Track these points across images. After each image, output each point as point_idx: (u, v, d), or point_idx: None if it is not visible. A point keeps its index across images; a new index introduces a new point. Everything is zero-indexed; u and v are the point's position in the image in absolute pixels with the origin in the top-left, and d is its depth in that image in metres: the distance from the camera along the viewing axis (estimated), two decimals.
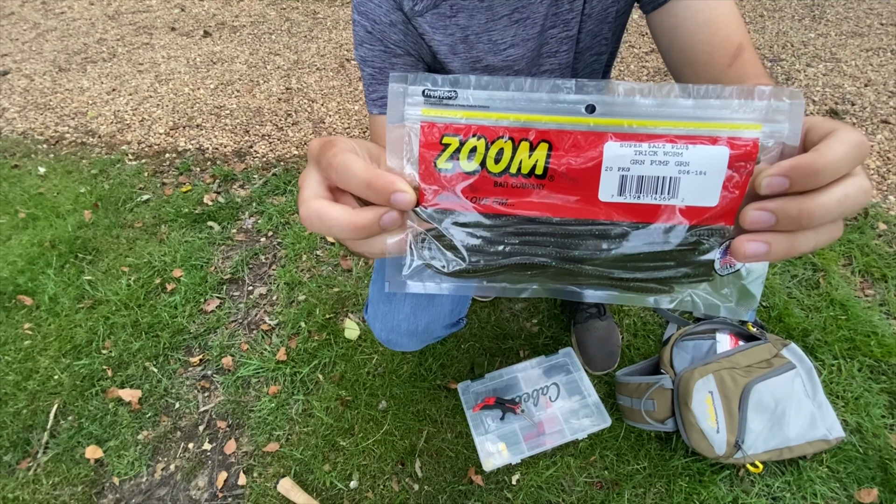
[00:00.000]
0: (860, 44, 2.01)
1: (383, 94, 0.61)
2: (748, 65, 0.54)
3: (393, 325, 0.77)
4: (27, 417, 1.11)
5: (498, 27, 0.58)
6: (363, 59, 0.60)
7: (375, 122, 0.63)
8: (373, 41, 0.58)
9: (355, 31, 0.59)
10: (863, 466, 0.91)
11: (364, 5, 0.56)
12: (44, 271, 1.39)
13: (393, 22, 0.56)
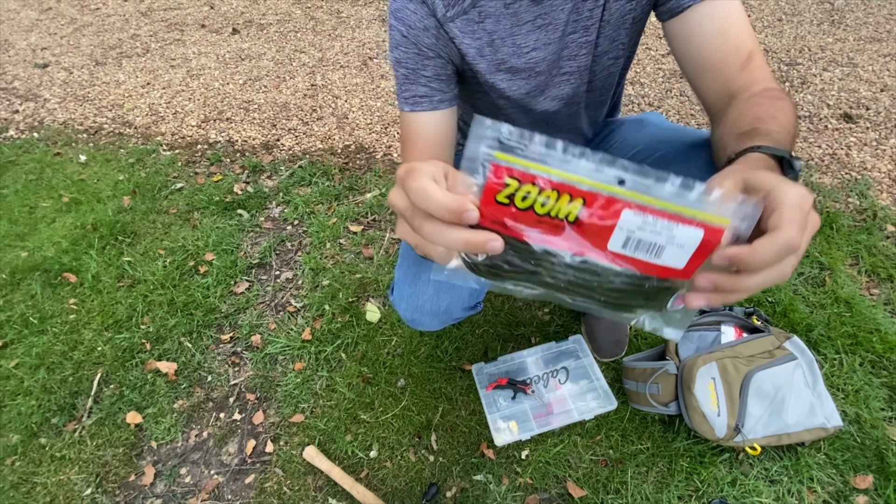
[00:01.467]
0: (878, 49, 2.02)
1: (415, 94, 0.67)
2: (757, 70, 0.59)
3: (417, 305, 0.84)
4: (73, 384, 1.20)
5: (522, 32, 0.64)
6: (398, 60, 0.66)
7: (407, 119, 0.69)
8: (407, 45, 0.64)
9: (391, 34, 0.65)
10: (859, 455, 0.95)
11: (400, 11, 0.62)
12: (86, 252, 1.49)
13: (426, 27, 0.63)
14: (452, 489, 0.98)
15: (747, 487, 0.93)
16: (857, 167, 1.50)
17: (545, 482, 0.97)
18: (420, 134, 0.69)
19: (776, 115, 0.52)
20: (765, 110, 0.54)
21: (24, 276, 1.44)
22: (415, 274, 0.84)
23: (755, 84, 0.59)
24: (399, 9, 0.62)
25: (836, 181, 1.47)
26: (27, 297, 1.39)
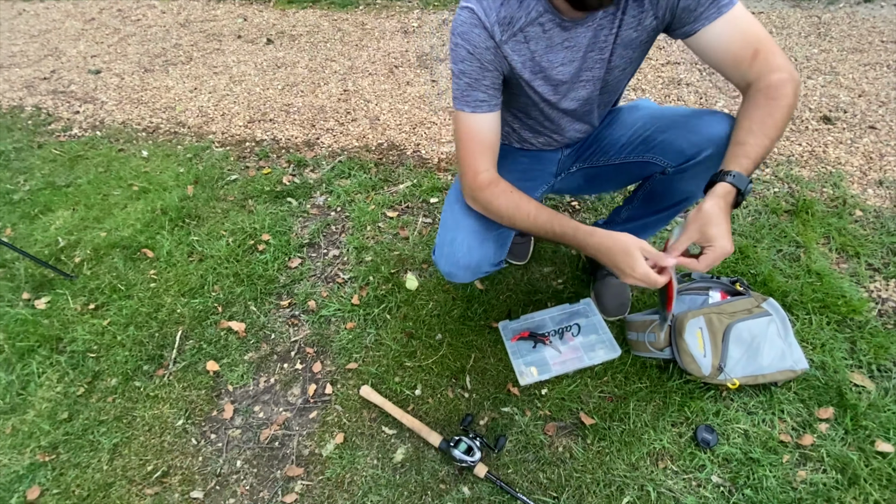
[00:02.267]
0: (859, 59, 2.23)
1: (476, 98, 0.86)
2: (763, 63, 0.80)
3: (454, 260, 1.05)
4: (159, 339, 1.42)
5: (554, 51, 0.85)
6: (462, 71, 0.85)
7: (467, 120, 0.88)
8: (472, 60, 0.84)
9: (456, 50, 0.84)
10: (823, 393, 1.15)
11: (467, 34, 0.83)
12: (159, 232, 1.71)
13: (487, 47, 0.83)
14: (484, 418, 1.19)
15: (728, 417, 1.13)
16: (832, 162, 1.71)
17: (561, 413, 1.17)
18: (479, 130, 0.89)
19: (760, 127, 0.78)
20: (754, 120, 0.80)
21: (106, 251, 1.67)
22: (452, 238, 1.05)
23: (764, 74, 0.80)
24: (465, 32, 0.83)
25: (813, 174, 1.68)
26: (111, 269, 1.61)
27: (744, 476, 1.05)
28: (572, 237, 0.87)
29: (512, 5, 0.81)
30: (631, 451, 1.09)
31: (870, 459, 1.04)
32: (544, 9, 0.80)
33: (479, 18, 0.81)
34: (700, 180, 0.92)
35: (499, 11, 0.81)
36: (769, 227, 1.51)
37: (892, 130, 1.81)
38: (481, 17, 0.81)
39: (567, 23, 0.82)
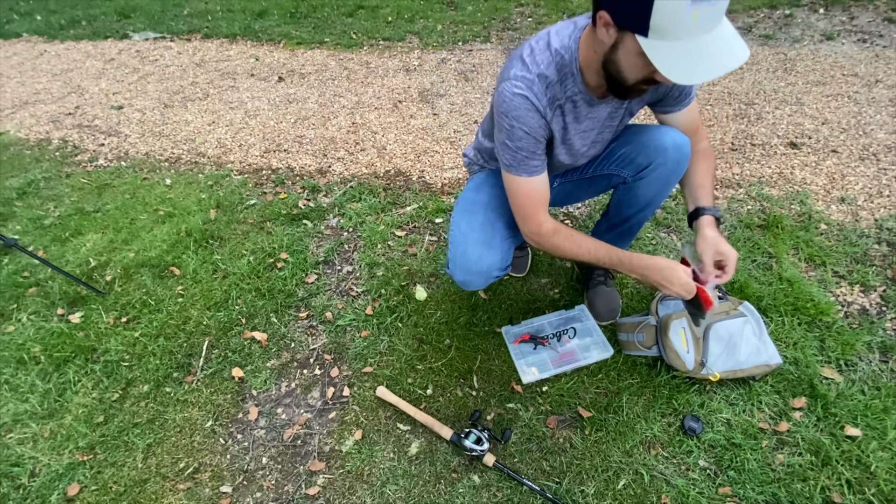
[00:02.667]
0: (823, 91, 2.46)
1: (533, 165, 1.00)
2: (700, 136, 1.16)
3: (467, 268, 1.19)
4: (187, 349, 1.53)
5: (580, 122, 1.02)
6: (519, 147, 0.97)
7: (527, 183, 1.02)
8: (528, 138, 0.97)
9: (514, 130, 0.95)
10: (796, 385, 1.27)
11: (523, 118, 0.94)
12: (184, 252, 1.84)
13: (540, 125, 0.97)
14: (491, 414, 1.29)
15: (712, 407, 1.24)
16: (799, 182, 1.89)
17: (561, 408, 1.28)
18: (537, 189, 1.04)
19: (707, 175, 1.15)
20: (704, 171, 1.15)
21: (135, 270, 1.79)
22: (463, 250, 1.19)
23: (700, 142, 1.16)
24: (521, 115, 0.94)
25: (782, 193, 1.85)
26: (141, 286, 1.73)
27: (727, 460, 1.15)
28: (626, 263, 1.08)
29: (555, 88, 0.95)
30: (625, 440, 1.20)
31: (840, 443, 1.16)
32: (579, 89, 0.96)
33: (533, 104, 0.93)
34: (656, 185, 1.14)
35: (546, 94, 0.94)
36: (744, 240, 1.67)
37: (852, 154, 2.00)
38: (535, 103, 0.93)
39: (594, 100, 0.99)
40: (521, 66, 0.93)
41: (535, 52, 0.94)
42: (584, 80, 0.94)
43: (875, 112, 2.24)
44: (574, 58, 0.92)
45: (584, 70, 0.93)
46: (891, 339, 1.36)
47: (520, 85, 0.93)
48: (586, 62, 0.92)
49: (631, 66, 0.82)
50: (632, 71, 0.83)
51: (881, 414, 1.20)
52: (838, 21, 3.09)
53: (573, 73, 0.94)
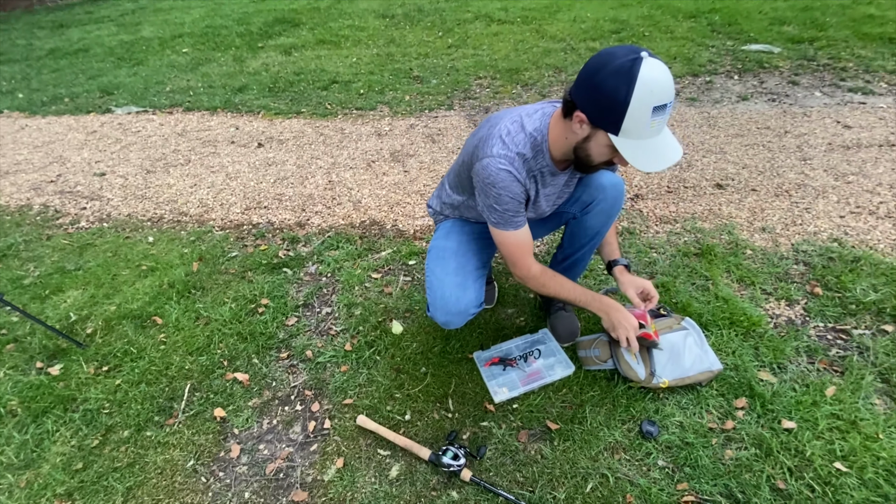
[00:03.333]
0: (741, 141, 2.84)
1: (518, 221, 1.19)
2: None
3: (447, 309, 1.32)
4: (169, 393, 1.56)
5: (545, 188, 1.24)
6: (507, 209, 1.16)
7: (516, 235, 1.21)
8: (513, 201, 1.15)
9: (501, 196, 1.13)
10: (737, 388, 1.42)
11: (508, 188, 1.12)
12: (167, 302, 1.91)
13: (521, 192, 1.16)
14: (467, 433, 1.37)
15: (666, 412, 1.37)
16: (726, 216, 2.16)
17: (531, 423, 1.38)
18: (524, 239, 1.23)
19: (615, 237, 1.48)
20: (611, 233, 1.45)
21: (117, 321, 1.84)
22: (441, 294, 1.34)
23: None
24: (507, 186, 1.13)
25: (712, 226, 2.11)
26: (122, 336, 1.77)
27: (683, 458, 1.26)
28: (594, 303, 1.32)
29: (530, 163, 1.17)
30: (591, 447, 1.30)
31: (779, 435, 1.29)
32: (546, 163, 1.18)
33: (516, 177, 1.14)
34: (600, 218, 1.34)
35: (524, 168, 1.16)
36: (683, 267, 1.88)
37: (768, 192, 2.31)
38: (517, 176, 1.14)
39: (557, 171, 1.22)
40: (502, 145, 1.14)
41: (511, 133, 1.15)
42: (550, 156, 1.17)
43: (785, 157, 2.60)
44: (545, 139, 1.15)
45: (552, 148, 1.16)
46: (815, 344, 1.55)
47: (504, 162, 1.13)
48: (554, 143, 1.15)
49: (599, 154, 1.07)
50: (599, 156, 1.08)
51: (811, 407, 1.35)
52: (751, 85, 3.61)
53: (543, 151, 1.16)
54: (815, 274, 1.81)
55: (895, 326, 1.58)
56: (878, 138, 2.71)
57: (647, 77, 0.91)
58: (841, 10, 4.73)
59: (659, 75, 0.92)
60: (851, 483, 1.18)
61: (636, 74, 0.91)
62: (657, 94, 0.92)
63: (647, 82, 0.91)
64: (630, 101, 0.92)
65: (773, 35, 4.36)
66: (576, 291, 1.31)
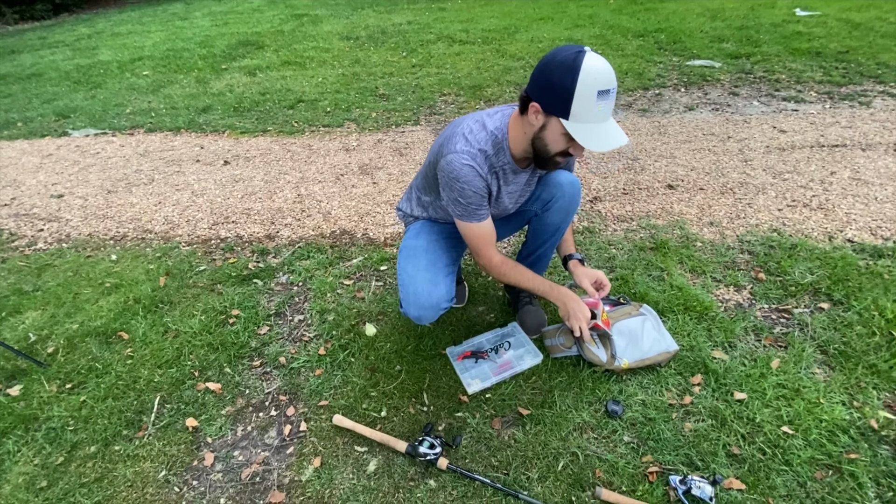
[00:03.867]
0: (689, 146, 3.05)
1: (481, 214, 1.26)
2: None
3: (419, 304, 1.37)
4: (137, 406, 1.53)
5: (508, 185, 1.31)
6: (470, 203, 1.23)
7: (480, 227, 1.28)
8: (475, 195, 1.23)
9: (464, 190, 1.21)
10: (693, 366, 1.52)
11: (471, 182, 1.20)
12: (133, 318, 1.87)
13: (483, 186, 1.24)
14: (443, 424, 1.41)
15: (629, 392, 1.44)
16: (677, 213, 2.31)
17: (503, 410, 1.43)
18: (487, 231, 1.31)
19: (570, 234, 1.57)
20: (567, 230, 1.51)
21: (79, 340, 1.79)
22: (413, 289, 1.38)
23: None
24: (470, 180, 1.20)
25: (665, 222, 2.25)
26: (86, 354, 1.72)
27: (646, 433, 1.34)
28: (552, 292, 1.40)
29: (492, 159, 1.25)
30: (561, 429, 1.36)
31: (732, 406, 1.39)
32: (507, 161, 1.27)
33: (478, 172, 1.22)
34: (560, 214, 1.43)
35: (486, 164, 1.24)
36: (640, 260, 2.00)
37: (715, 190, 2.49)
38: (479, 171, 1.22)
39: (518, 169, 1.30)
40: (465, 142, 1.22)
41: (474, 132, 1.24)
42: (511, 154, 1.25)
43: (729, 159, 2.81)
44: (505, 137, 1.24)
45: (512, 146, 1.24)
46: (761, 323, 1.67)
47: (467, 157, 1.21)
48: (514, 141, 1.23)
49: (554, 142, 1.15)
50: (554, 144, 1.15)
51: (759, 379, 1.45)
52: (696, 96, 3.88)
53: (504, 148, 1.25)
54: (759, 261, 1.96)
55: (830, 304, 1.73)
56: (810, 140, 2.97)
57: (590, 66, 1.02)
58: (773, 28, 5.17)
59: (600, 65, 1.03)
60: (798, 444, 1.28)
61: (580, 64, 1.02)
62: (600, 80, 1.03)
63: (591, 70, 1.02)
64: (576, 87, 1.02)
65: (713, 51, 4.71)
66: (535, 281, 1.39)
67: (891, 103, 3.41)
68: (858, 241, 2.02)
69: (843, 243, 2.02)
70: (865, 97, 3.53)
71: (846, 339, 1.57)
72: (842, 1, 5.98)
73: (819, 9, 5.71)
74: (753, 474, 1.22)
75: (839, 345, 1.56)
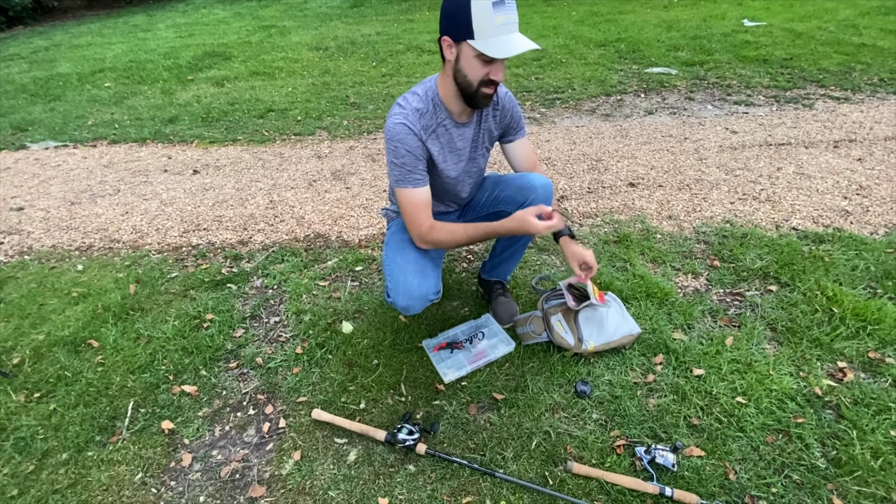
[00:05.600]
0: (649, 147, 3.21)
1: (415, 178, 1.28)
2: (539, 168, 1.50)
3: (408, 294, 1.39)
4: (110, 412, 1.51)
5: (453, 141, 1.36)
6: (403, 164, 1.25)
7: (411, 193, 1.29)
8: (409, 155, 1.27)
9: (396, 149, 1.24)
10: (655, 347, 1.61)
11: (403, 139, 1.23)
12: (103, 326, 1.84)
13: (417, 146, 1.28)
14: (420, 413, 1.45)
15: (596, 374, 1.52)
16: (638, 209, 2.43)
17: (479, 396, 1.48)
18: (420, 198, 1.32)
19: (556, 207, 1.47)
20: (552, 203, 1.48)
21: (46, 350, 1.74)
22: (403, 280, 1.41)
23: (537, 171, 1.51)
24: (402, 138, 1.24)
25: (627, 217, 2.37)
26: (55, 363, 1.68)
27: (613, 410, 1.41)
28: (497, 228, 1.31)
29: (427, 117, 1.30)
30: (533, 411, 1.42)
31: (691, 381, 1.48)
32: (445, 116, 1.32)
33: (411, 129, 1.25)
34: None
35: (420, 122, 1.28)
36: (605, 253, 2.10)
37: (673, 186, 2.63)
38: (411, 128, 1.25)
39: (459, 124, 1.35)
40: (399, 107, 1.29)
41: (407, 97, 1.30)
42: (447, 109, 1.31)
43: (685, 158, 2.98)
44: (436, 93, 1.30)
45: (445, 101, 1.30)
46: (716, 306, 1.79)
47: (399, 117, 1.26)
48: (445, 93, 1.29)
49: (471, 68, 1.18)
50: (472, 72, 1.18)
51: (715, 356, 1.56)
52: (655, 101, 4.09)
53: (438, 104, 1.30)
54: (713, 250, 2.09)
55: (778, 286, 1.86)
56: (759, 140, 3.18)
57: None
58: (723, 38, 5.50)
59: None
60: (751, 413, 1.38)
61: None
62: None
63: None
64: (471, 4, 1.09)
65: (670, 59, 4.97)
66: (469, 230, 1.34)
67: (831, 105, 3.69)
68: (802, 229, 2.19)
69: (788, 231, 2.18)
70: (808, 100, 3.80)
71: (792, 317, 1.70)
72: (785, 12, 6.41)
73: (765, 19, 6.10)
74: (711, 441, 1.31)
75: (786, 322, 1.68)
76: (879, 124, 3.28)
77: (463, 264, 2.15)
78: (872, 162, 2.76)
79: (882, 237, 2.09)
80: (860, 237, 2.08)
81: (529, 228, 1.25)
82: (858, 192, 2.45)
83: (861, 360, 1.53)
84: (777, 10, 6.60)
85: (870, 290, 1.80)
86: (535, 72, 4.91)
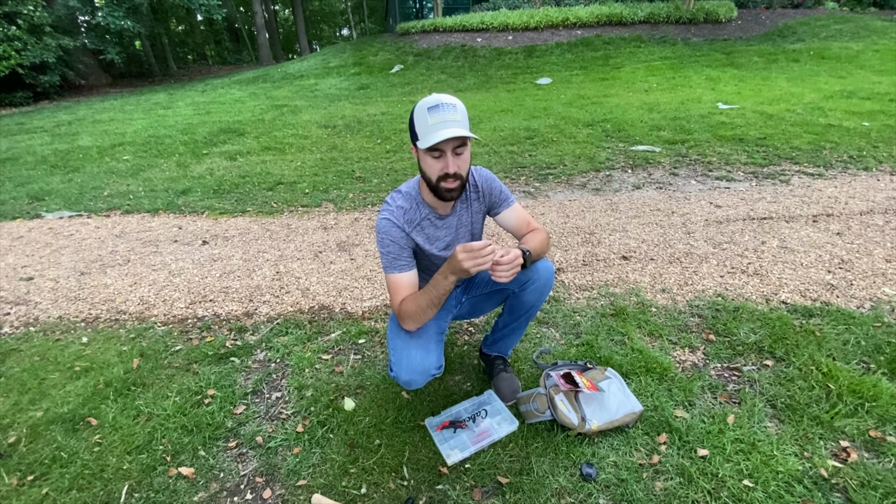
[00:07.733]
0: (639, 221, 3.37)
1: (399, 265, 1.40)
2: (532, 231, 1.57)
3: (411, 369, 1.44)
4: (104, 496, 1.47)
5: (438, 231, 1.48)
6: (389, 252, 1.39)
7: (396, 278, 1.40)
8: (394, 245, 1.40)
9: (383, 240, 1.39)
10: (658, 425, 1.61)
11: (389, 232, 1.38)
12: (103, 402, 1.83)
13: (402, 237, 1.41)
14: (423, 498, 1.42)
15: (601, 455, 1.51)
16: (632, 282, 2.52)
17: (483, 480, 1.46)
18: (403, 283, 1.42)
19: (536, 239, 1.53)
20: (531, 236, 1.54)
21: (44, 427, 1.72)
22: (406, 354, 1.46)
23: (532, 227, 1.59)
24: (388, 231, 1.39)
25: (622, 290, 2.45)
26: (51, 442, 1.66)
27: (620, 494, 1.39)
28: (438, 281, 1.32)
29: (411, 213, 1.44)
30: (538, 495, 1.40)
31: (696, 462, 1.47)
32: (428, 211, 1.46)
33: (394, 223, 1.41)
34: (535, 294, 1.58)
35: (404, 217, 1.43)
36: (602, 326, 2.15)
37: (664, 260, 2.74)
38: (395, 222, 1.41)
39: (441, 216, 1.48)
40: (386, 204, 1.45)
41: (392, 197, 1.47)
42: (428, 205, 1.46)
43: (674, 232, 3.12)
44: (417, 192, 1.47)
45: (425, 197, 1.46)
46: (715, 381, 1.81)
47: (385, 213, 1.43)
48: (424, 192, 1.45)
49: (427, 165, 1.33)
50: (429, 169, 1.33)
51: (718, 435, 1.56)
52: (642, 177, 4.33)
53: (420, 201, 1.46)
54: (708, 323, 2.14)
55: (773, 361, 1.90)
56: (742, 214, 3.35)
57: (424, 98, 1.30)
58: (701, 118, 5.93)
59: (432, 94, 1.30)
60: (759, 497, 1.36)
61: (419, 100, 1.31)
62: (429, 101, 1.28)
63: (423, 99, 1.30)
64: (414, 113, 1.31)
65: (653, 138, 5.33)
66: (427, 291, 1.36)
67: (806, 180, 3.92)
68: (791, 303, 2.26)
69: (778, 305, 2.25)
70: (784, 176, 4.05)
71: (790, 393, 1.72)
72: (755, 96, 6.97)
73: (737, 103, 6.61)
74: None
75: (785, 399, 1.70)
76: (853, 199, 3.48)
77: (465, 337, 2.18)
78: (851, 236, 2.90)
79: (868, 311, 2.15)
80: (847, 311, 2.15)
81: (457, 266, 1.25)
82: (841, 266, 2.55)
83: (863, 438, 1.53)
84: (748, 94, 7.18)
85: (863, 365, 1.83)
86: (529, 149, 5.23)
